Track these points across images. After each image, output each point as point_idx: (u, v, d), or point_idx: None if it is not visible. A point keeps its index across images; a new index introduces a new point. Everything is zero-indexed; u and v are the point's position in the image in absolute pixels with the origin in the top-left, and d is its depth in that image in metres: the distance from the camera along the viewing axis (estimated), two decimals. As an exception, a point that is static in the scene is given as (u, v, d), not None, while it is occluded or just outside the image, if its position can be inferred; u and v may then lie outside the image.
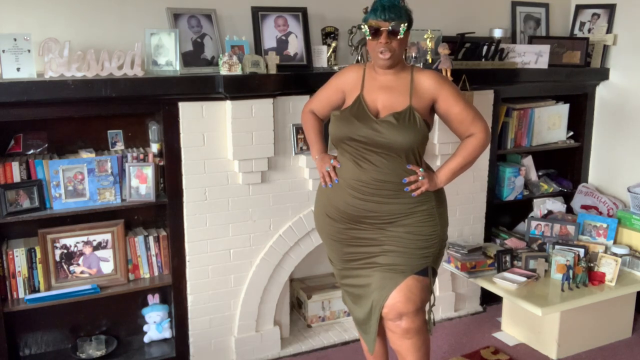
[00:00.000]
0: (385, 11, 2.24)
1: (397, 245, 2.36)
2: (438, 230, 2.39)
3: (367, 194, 2.33)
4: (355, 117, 2.33)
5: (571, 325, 3.19)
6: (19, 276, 2.76)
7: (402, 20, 2.26)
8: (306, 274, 3.64)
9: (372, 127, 2.29)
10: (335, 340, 3.35)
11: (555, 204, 3.77)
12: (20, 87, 2.47)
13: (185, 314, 3.02)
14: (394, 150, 2.29)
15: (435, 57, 3.25)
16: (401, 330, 2.36)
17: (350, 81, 2.44)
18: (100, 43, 2.74)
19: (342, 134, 2.35)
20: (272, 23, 3.10)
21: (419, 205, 2.36)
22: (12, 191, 2.64)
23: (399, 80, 2.36)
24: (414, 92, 2.33)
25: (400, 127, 2.27)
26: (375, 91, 2.36)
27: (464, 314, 3.68)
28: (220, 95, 2.80)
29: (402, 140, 2.27)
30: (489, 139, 2.43)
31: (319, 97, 2.59)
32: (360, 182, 2.33)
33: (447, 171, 2.41)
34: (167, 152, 2.84)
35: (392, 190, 2.33)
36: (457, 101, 2.36)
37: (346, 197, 2.37)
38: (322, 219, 2.52)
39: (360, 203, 2.34)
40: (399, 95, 2.33)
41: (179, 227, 2.92)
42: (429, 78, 2.36)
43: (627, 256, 3.34)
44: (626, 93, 3.76)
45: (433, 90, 2.34)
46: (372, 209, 2.34)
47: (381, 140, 2.28)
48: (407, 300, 2.33)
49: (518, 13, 3.86)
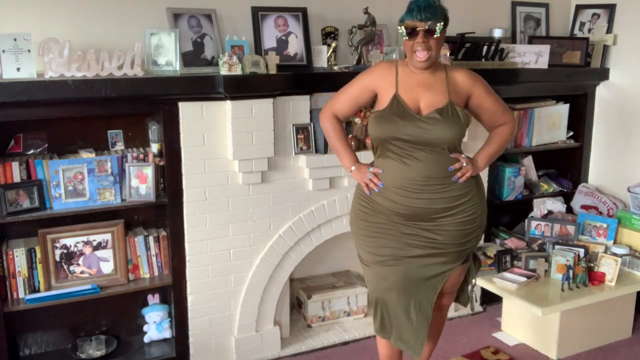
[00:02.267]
0: (422, 11, 2.26)
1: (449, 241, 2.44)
2: (480, 218, 2.50)
3: (416, 191, 2.36)
4: (398, 115, 2.34)
5: (571, 325, 3.19)
6: (19, 276, 2.76)
7: (438, 19, 2.28)
8: (306, 274, 3.64)
9: (417, 125, 2.33)
10: (335, 340, 3.35)
11: (555, 204, 3.77)
12: (20, 87, 2.47)
13: (185, 314, 3.02)
14: (440, 145, 2.35)
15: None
16: (439, 306, 2.59)
17: (383, 79, 2.43)
18: (100, 43, 2.74)
19: (387, 134, 2.37)
20: (272, 23, 3.10)
21: (464, 196, 2.43)
22: (12, 191, 2.64)
23: (435, 78, 2.41)
24: (451, 88, 2.40)
25: (445, 121, 2.33)
26: (413, 89, 2.38)
27: (464, 314, 3.68)
28: (220, 95, 2.80)
29: (448, 135, 2.35)
30: (517, 127, 2.59)
31: (344, 96, 2.53)
32: (409, 180, 2.36)
33: (484, 156, 2.54)
34: (167, 152, 2.84)
35: (439, 185, 2.38)
36: (489, 96, 2.50)
37: (394, 197, 2.39)
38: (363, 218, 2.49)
39: (409, 201, 2.37)
40: (438, 93, 2.39)
41: (179, 227, 2.92)
42: (463, 75, 2.45)
43: (627, 256, 3.34)
44: (626, 93, 3.76)
45: (468, 87, 2.45)
46: (422, 205, 2.38)
47: (428, 136, 2.33)
48: (452, 285, 2.57)
49: (518, 13, 3.86)
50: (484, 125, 2.60)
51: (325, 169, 3.07)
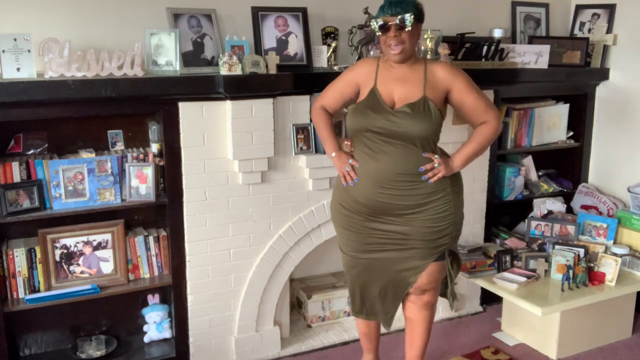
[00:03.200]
0: (392, 6, 2.35)
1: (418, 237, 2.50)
2: (453, 215, 2.52)
3: (385, 186, 2.43)
4: (371, 108, 2.43)
5: (571, 325, 3.19)
6: (19, 276, 2.76)
7: (409, 13, 2.35)
8: (306, 274, 3.64)
9: (387, 118, 2.40)
10: (335, 340, 3.35)
11: (555, 204, 3.77)
12: (20, 87, 2.46)
13: (185, 314, 3.02)
14: (410, 139, 2.40)
15: (435, 57, 3.25)
16: (422, 303, 2.66)
17: (364, 74, 2.52)
18: (100, 43, 2.74)
19: (359, 125, 2.45)
20: (272, 23, 3.10)
21: (435, 194, 2.46)
22: (12, 191, 2.64)
23: (412, 72, 2.45)
24: (428, 83, 2.43)
25: (415, 116, 2.38)
26: (389, 83, 2.45)
27: (464, 314, 3.68)
28: (220, 95, 2.80)
29: (417, 129, 2.38)
30: (501, 126, 2.56)
31: (331, 91, 2.64)
32: (379, 175, 2.44)
33: (462, 155, 2.53)
34: (167, 152, 2.84)
35: (409, 182, 2.43)
36: (470, 91, 2.47)
37: (365, 191, 2.47)
38: (337, 208, 2.63)
39: (378, 196, 2.45)
40: (413, 87, 2.43)
41: (179, 227, 2.92)
42: (442, 69, 2.46)
43: (627, 256, 3.34)
44: (626, 93, 3.76)
45: (447, 81, 2.45)
46: (391, 200, 2.45)
47: (397, 130, 2.39)
48: (429, 282, 2.60)
49: (518, 13, 3.86)
50: (468, 121, 2.60)
51: (325, 169, 3.07)
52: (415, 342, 2.76)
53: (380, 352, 3.02)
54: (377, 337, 2.91)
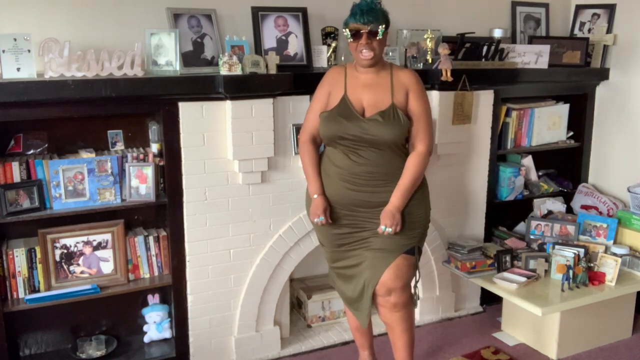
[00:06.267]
0: (364, 15, 2.43)
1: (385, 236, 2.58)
2: (423, 213, 2.65)
3: (359, 185, 2.56)
4: (343, 116, 2.52)
5: (571, 325, 3.19)
6: (19, 276, 2.76)
7: (380, 22, 2.45)
8: (306, 274, 3.64)
9: (360, 126, 2.50)
10: (335, 340, 3.35)
11: (555, 204, 3.77)
12: (20, 87, 2.46)
13: (185, 314, 3.02)
14: (381, 145, 2.51)
15: (435, 57, 3.25)
16: (390, 304, 2.62)
17: (335, 82, 2.61)
18: (100, 43, 2.74)
19: (332, 133, 2.54)
20: (272, 23, 3.10)
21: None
22: (12, 191, 2.64)
23: (380, 79, 2.56)
24: (394, 88, 2.53)
25: (386, 124, 2.49)
26: (358, 90, 2.55)
27: (464, 314, 3.68)
28: (220, 95, 2.80)
29: (388, 136, 2.49)
30: (430, 154, 2.60)
31: (312, 114, 2.66)
32: (353, 175, 2.55)
33: (399, 194, 2.55)
34: (167, 152, 2.84)
35: (381, 180, 2.56)
36: (420, 102, 2.56)
37: (340, 189, 2.59)
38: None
39: (354, 194, 2.57)
40: (380, 93, 2.53)
41: (179, 227, 2.92)
42: (406, 74, 2.58)
43: (627, 256, 3.34)
44: (626, 93, 3.76)
45: (408, 84, 2.55)
46: (365, 198, 2.57)
47: (369, 137, 2.50)
48: (396, 278, 2.58)
49: (518, 13, 3.86)
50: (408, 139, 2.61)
51: (325, 169, 3.07)
52: (397, 344, 2.74)
53: (377, 352, 3.03)
54: (369, 332, 2.92)
